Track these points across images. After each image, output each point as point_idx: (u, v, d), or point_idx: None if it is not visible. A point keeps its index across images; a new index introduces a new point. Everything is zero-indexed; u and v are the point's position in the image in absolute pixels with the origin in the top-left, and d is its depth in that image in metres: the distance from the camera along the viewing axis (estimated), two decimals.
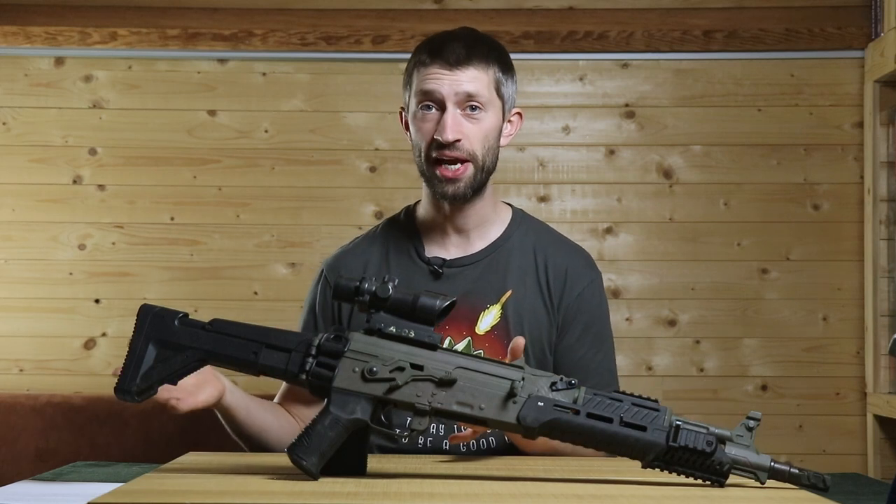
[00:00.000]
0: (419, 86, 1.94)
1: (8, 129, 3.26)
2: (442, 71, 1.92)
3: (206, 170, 3.27)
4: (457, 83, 1.91)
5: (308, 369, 1.47)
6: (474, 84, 1.92)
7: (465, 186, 1.93)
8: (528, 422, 1.42)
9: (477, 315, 1.96)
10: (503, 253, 2.01)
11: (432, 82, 1.92)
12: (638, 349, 3.25)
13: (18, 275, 3.25)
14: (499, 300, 1.97)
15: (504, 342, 1.94)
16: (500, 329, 1.95)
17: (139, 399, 1.50)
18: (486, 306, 1.97)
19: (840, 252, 3.26)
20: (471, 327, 1.95)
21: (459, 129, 1.91)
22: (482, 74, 1.93)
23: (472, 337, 1.95)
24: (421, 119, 1.94)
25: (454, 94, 1.91)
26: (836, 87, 3.28)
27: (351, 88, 3.29)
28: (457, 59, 1.91)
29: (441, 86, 1.91)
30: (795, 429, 3.23)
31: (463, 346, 1.94)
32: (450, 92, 1.91)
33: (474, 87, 1.92)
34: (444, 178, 1.92)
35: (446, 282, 1.97)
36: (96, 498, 1.30)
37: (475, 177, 1.94)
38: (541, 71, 3.30)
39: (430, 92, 1.92)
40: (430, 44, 1.97)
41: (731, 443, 1.41)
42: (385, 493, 1.35)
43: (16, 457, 3.00)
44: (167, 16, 3.26)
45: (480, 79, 1.93)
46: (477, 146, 1.93)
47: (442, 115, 1.92)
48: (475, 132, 1.93)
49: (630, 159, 3.29)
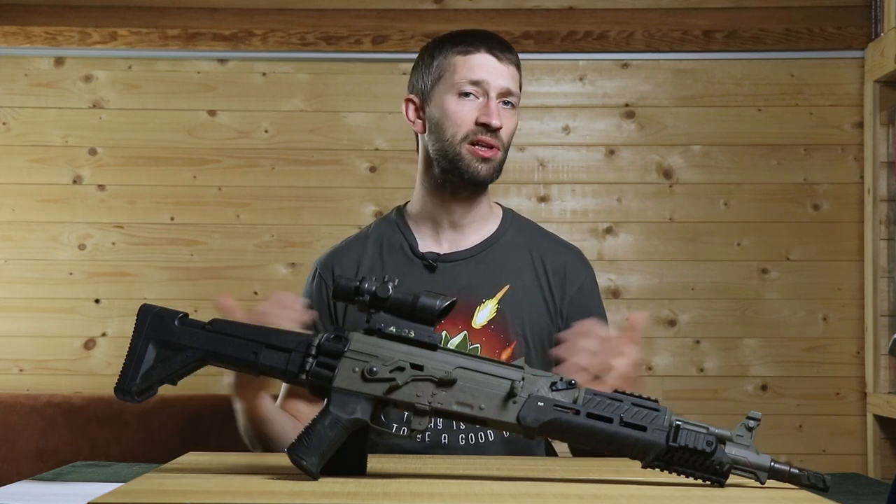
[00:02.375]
0: (465, 73, 1.97)
1: (8, 129, 3.26)
2: (491, 61, 1.97)
3: (206, 170, 3.27)
4: (502, 76, 1.97)
5: (308, 369, 1.47)
6: (513, 81, 1.99)
7: (494, 170, 1.99)
8: (528, 422, 1.42)
9: (472, 309, 1.97)
10: (498, 249, 2.03)
11: (482, 71, 1.97)
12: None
13: (18, 275, 3.25)
14: (495, 295, 1.99)
15: (500, 337, 1.96)
16: (497, 324, 1.97)
17: (139, 399, 1.50)
18: (482, 301, 1.98)
19: (840, 252, 3.26)
20: (466, 321, 1.96)
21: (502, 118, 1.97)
22: (516, 72, 2.01)
23: (468, 331, 1.96)
24: (459, 104, 1.97)
25: (499, 86, 1.97)
26: (836, 87, 3.28)
27: (351, 88, 3.29)
28: (501, 52, 1.98)
29: (490, 75, 1.96)
30: (795, 429, 3.23)
31: (459, 340, 1.95)
32: (496, 82, 1.97)
33: (513, 84, 1.99)
34: (481, 157, 1.97)
35: (441, 276, 1.98)
36: (96, 498, 1.29)
37: (501, 165, 2.01)
38: (541, 71, 3.30)
39: (480, 81, 1.97)
40: (465, 36, 2.01)
41: (731, 443, 1.41)
42: (385, 493, 1.35)
43: (16, 457, 3.00)
44: (167, 16, 3.26)
45: (515, 77, 2.01)
46: (507, 140, 2.00)
47: (484, 101, 1.96)
48: (508, 125, 1.99)
49: (630, 159, 3.29)
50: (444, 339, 1.94)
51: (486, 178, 1.98)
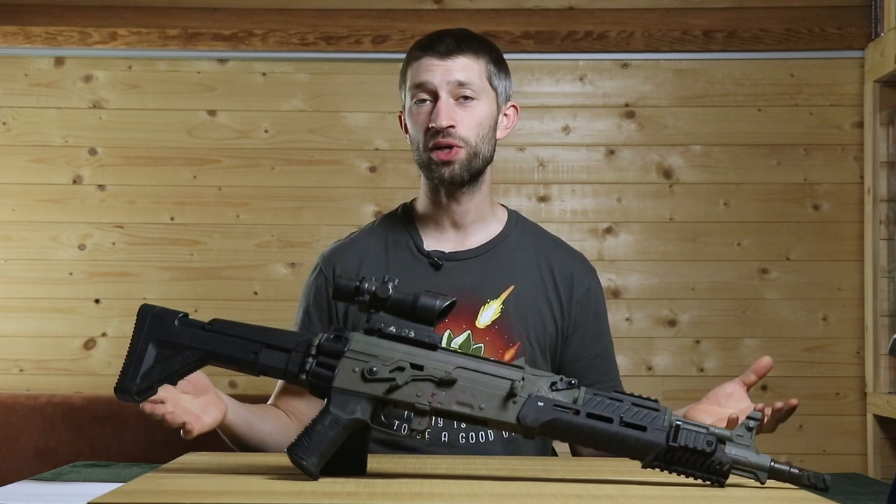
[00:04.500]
0: (412, 80, 1.97)
1: (8, 129, 3.26)
2: (433, 61, 1.95)
3: (206, 170, 3.27)
4: (448, 72, 1.94)
5: (308, 369, 1.48)
6: (465, 73, 1.95)
7: (460, 169, 1.95)
8: (528, 422, 1.42)
9: (477, 309, 1.97)
10: (503, 249, 2.03)
11: (425, 73, 1.95)
12: (638, 349, 3.25)
13: (18, 275, 3.25)
14: (499, 296, 1.98)
15: (504, 337, 1.96)
16: (501, 324, 1.97)
17: (139, 399, 1.51)
18: (487, 301, 1.98)
19: (840, 252, 3.26)
20: (470, 321, 1.96)
21: (452, 115, 1.93)
22: (473, 63, 1.96)
23: (471, 331, 1.96)
24: (416, 113, 1.97)
25: (446, 83, 1.94)
26: (836, 87, 3.28)
27: (351, 88, 3.29)
28: (447, 49, 1.95)
29: (433, 76, 1.94)
30: (795, 429, 3.23)
31: (462, 340, 1.95)
32: (441, 81, 1.94)
33: (465, 76, 1.95)
34: (440, 160, 1.94)
35: (446, 275, 1.98)
36: (96, 498, 1.30)
37: (470, 162, 1.95)
38: (541, 71, 3.30)
39: (423, 83, 1.95)
40: (421, 41, 2.00)
41: (731, 443, 1.41)
42: (385, 493, 1.35)
43: (16, 457, 3.00)
44: (167, 16, 3.26)
45: (471, 67, 1.96)
46: (470, 133, 1.95)
47: (435, 104, 1.94)
48: (468, 119, 1.95)
49: (630, 159, 3.29)
50: (448, 337, 1.94)
51: (451, 179, 1.95)
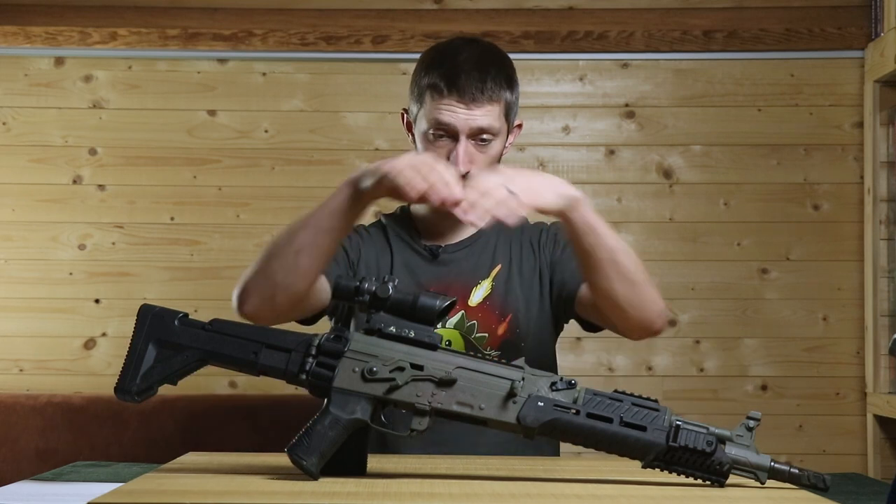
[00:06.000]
0: (433, 114, 1.96)
1: (8, 129, 3.26)
2: (458, 106, 1.95)
3: (206, 170, 3.27)
4: (472, 119, 1.95)
5: (308, 369, 1.48)
6: (487, 119, 1.96)
7: None
8: (528, 422, 1.42)
9: (469, 290, 2.03)
10: (490, 236, 2.07)
11: (448, 115, 1.95)
12: (638, 349, 3.25)
13: (18, 275, 3.24)
14: (489, 275, 2.04)
15: (496, 312, 2.01)
16: (492, 300, 2.02)
17: (139, 399, 1.50)
18: (478, 282, 2.04)
19: (840, 252, 3.26)
20: (464, 301, 2.01)
21: (471, 161, 1.95)
22: (495, 107, 1.97)
23: (465, 310, 2.01)
24: (432, 143, 1.98)
25: (468, 129, 1.95)
26: (836, 87, 3.28)
27: (351, 88, 3.29)
28: (472, 96, 1.94)
29: (457, 120, 1.95)
30: (795, 429, 3.23)
31: (457, 320, 2.00)
32: (465, 127, 1.95)
33: (487, 122, 1.96)
34: None
35: (443, 265, 2.04)
36: (96, 498, 1.30)
37: None
38: (541, 71, 3.30)
39: (445, 124, 1.96)
40: (442, 66, 1.98)
41: (731, 443, 1.41)
42: (385, 493, 1.35)
43: (16, 457, 3.00)
44: (167, 16, 3.26)
45: (493, 112, 1.97)
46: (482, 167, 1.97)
47: (454, 144, 1.96)
48: (483, 160, 1.98)
49: (630, 159, 3.29)
50: None
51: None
